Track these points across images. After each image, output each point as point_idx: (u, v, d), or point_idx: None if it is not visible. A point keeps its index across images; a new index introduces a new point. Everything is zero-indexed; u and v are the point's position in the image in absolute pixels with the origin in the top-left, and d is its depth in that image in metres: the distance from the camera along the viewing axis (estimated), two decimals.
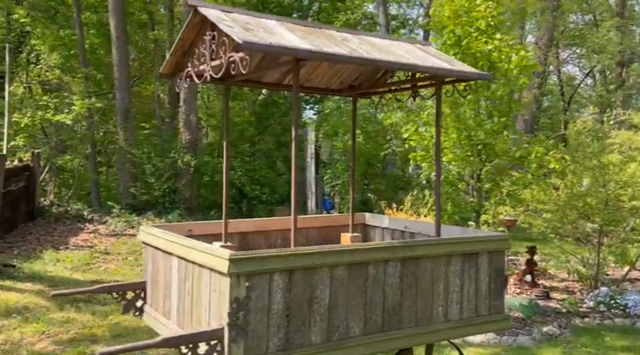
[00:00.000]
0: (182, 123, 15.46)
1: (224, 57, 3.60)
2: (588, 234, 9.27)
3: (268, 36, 3.54)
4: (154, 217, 14.91)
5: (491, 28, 7.06)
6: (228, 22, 3.56)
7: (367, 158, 12.74)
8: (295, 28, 4.01)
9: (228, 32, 3.37)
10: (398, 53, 4.16)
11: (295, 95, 3.63)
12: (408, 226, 4.97)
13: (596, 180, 7.44)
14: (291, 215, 3.61)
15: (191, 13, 3.92)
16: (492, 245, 4.08)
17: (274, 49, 3.33)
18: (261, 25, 3.77)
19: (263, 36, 3.49)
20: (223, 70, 3.65)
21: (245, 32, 3.43)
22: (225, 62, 3.59)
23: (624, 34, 24.87)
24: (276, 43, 3.37)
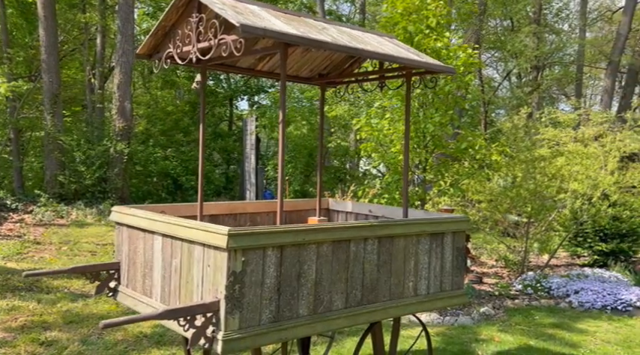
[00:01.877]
0: (115, 109, 14.97)
1: (213, 39, 3.67)
2: (517, 223, 10.01)
3: (258, 20, 3.65)
4: (84, 207, 14.38)
5: (440, 27, 7.48)
6: (220, 5, 3.64)
7: (310, 150, 12.95)
8: (278, 14, 4.14)
9: (223, 15, 3.45)
10: (373, 44, 4.39)
11: (283, 80, 3.76)
12: (372, 210, 5.23)
13: (528, 172, 8.09)
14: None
15: None
16: (455, 226, 4.42)
17: (270, 33, 3.45)
18: (248, 10, 3.87)
19: (254, 19, 3.60)
20: (212, 52, 3.72)
21: (239, 16, 3.53)
22: (215, 44, 3.66)
23: (540, 40, 26.67)
24: (270, 28, 3.50)
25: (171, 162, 16.79)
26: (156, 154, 16.59)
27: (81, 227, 13.11)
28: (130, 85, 15.07)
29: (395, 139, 7.86)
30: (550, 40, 29.00)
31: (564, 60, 29.12)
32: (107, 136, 15.22)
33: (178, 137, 18.29)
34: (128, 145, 14.89)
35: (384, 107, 8.09)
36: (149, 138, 17.77)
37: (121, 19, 14.69)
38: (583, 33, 25.25)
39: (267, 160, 16.72)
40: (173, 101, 19.86)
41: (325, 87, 5.45)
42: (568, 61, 29.05)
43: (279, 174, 3.78)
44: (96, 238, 12.10)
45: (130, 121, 15.27)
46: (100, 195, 15.05)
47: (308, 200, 5.69)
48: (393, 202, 7.59)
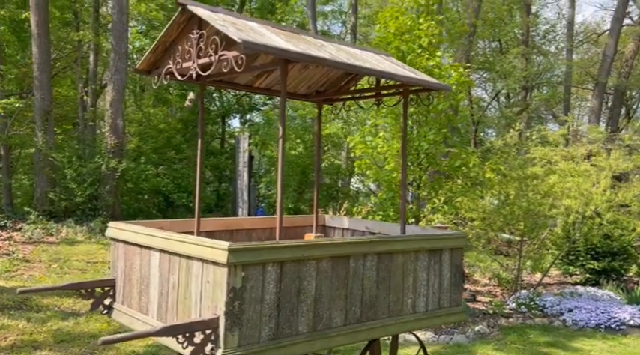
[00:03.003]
0: (108, 126, 14.92)
1: (214, 55, 3.69)
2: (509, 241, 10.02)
3: (259, 37, 3.68)
4: (75, 224, 14.23)
5: (432, 46, 7.58)
6: (221, 22, 3.66)
7: (302, 168, 12.96)
8: (277, 31, 4.17)
9: (224, 31, 3.48)
10: (371, 61, 4.43)
11: (282, 97, 3.78)
12: (369, 226, 5.23)
13: (521, 190, 8.14)
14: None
15: (178, 12, 3.97)
16: (453, 242, 4.43)
17: (270, 49, 3.47)
18: (248, 27, 3.90)
19: (255, 36, 3.62)
20: (213, 68, 3.73)
21: (240, 32, 3.55)
22: (216, 60, 3.68)
23: (528, 62, 27.07)
24: (271, 44, 3.52)
25: (163, 180, 16.72)
26: (147, 172, 16.51)
27: (71, 245, 12.96)
28: (122, 102, 15.05)
29: (389, 157, 7.89)
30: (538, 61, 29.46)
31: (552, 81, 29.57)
32: (99, 153, 15.15)
33: (170, 154, 18.24)
34: (120, 162, 14.81)
35: (377, 125, 8.14)
36: (141, 155, 17.70)
37: (115, 38, 14.72)
38: (570, 54, 25.68)
39: (259, 178, 16.71)
40: (165, 119, 19.85)
41: (322, 104, 5.48)
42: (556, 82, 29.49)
43: (279, 190, 3.77)
44: (86, 256, 11.96)
45: (122, 138, 15.22)
46: (90, 213, 14.92)
47: (304, 217, 5.68)
48: (388, 219, 7.60)
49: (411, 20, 7.76)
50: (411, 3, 7.91)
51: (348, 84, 5.39)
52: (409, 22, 7.71)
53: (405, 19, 7.79)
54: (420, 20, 7.71)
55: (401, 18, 7.77)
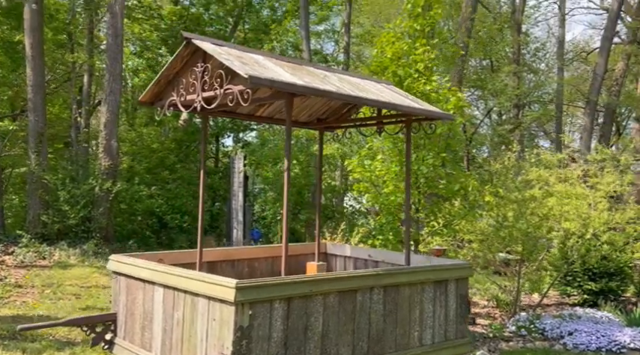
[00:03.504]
0: (102, 148, 14.83)
1: (219, 89, 3.68)
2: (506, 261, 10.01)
3: (264, 70, 3.68)
4: (68, 247, 14.07)
5: (428, 71, 7.62)
6: (226, 56, 3.66)
7: (298, 188, 12.93)
8: (281, 63, 4.17)
9: (229, 65, 3.47)
10: (373, 91, 4.44)
11: (288, 128, 3.77)
12: (372, 255, 5.19)
13: (520, 212, 8.14)
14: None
15: (183, 45, 3.96)
16: (459, 272, 4.40)
17: (277, 84, 3.46)
18: (253, 60, 3.90)
19: (260, 70, 3.62)
20: (218, 101, 3.72)
21: (245, 66, 3.55)
22: (221, 94, 3.67)
23: (520, 79, 27.35)
24: (277, 79, 3.52)
25: (157, 201, 16.59)
26: (141, 192, 16.39)
27: (64, 268, 12.79)
28: (116, 123, 14.99)
29: (387, 180, 7.88)
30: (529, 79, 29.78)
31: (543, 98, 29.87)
32: (92, 175, 15.03)
33: (164, 174, 18.13)
34: (114, 184, 14.70)
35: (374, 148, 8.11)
36: (134, 176, 17.59)
37: (109, 58, 14.71)
38: (561, 72, 25.99)
39: (253, 198, 16.63)
40: (158, 138, 19.78)
41: (324, 131, 5.48)
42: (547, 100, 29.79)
43: (284, 223, 3.74)
44: (80, 280, 11.80)
45: (117, 160, 15.12)
46: (83, 235, 14.75)
47: (305, 244, 5.64)
48: (387, 243, 7.56)
49: (407, 45, 7.81)
50: (407, 28, 7.96)
51: (349, 111, 5.39)
52: (405, 47, 7.75)
53: (400, 44, 7.84)
54: (415, 45, 7.76)
55: (397, 43, 7.81)
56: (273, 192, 13.03)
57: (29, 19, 14.40)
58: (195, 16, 20.25)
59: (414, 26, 7.80)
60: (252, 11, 21.58)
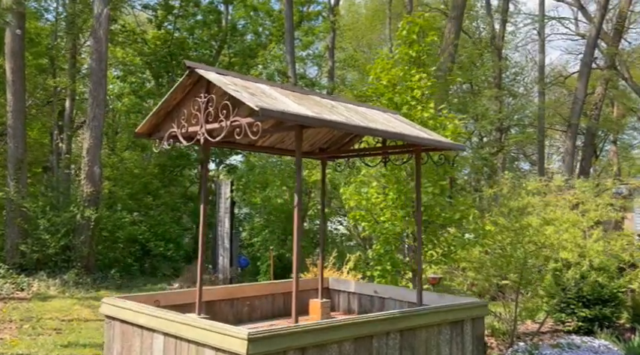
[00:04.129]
0: (84, 174, 14.42)
1: (225, 121, 3.47)
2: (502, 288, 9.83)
3: (273, 101, 3.48)
4: (47, 278, 13.56)
5: (425, 98, 7.51)
6: (233, 86, 3.45)
7: (287, 214, 12.66)
8: (287, 93, 3.98)
9: (238, 97, 3.26)
10: (381, 121, 4.27)
11: (298, 160, 3.56)
12: (378, 291, 4.96)
13: (518, 241, 8.00)
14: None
15: (185, 74, 3.75)
16: (475, 312, 4.19)
17: (289, 116, 3.27)
18: (259, 90, 3.70)
19: (269, 101, 3.42)
20: (224, 134, 3.50)
21: (254, 98, 3.34)
22: (227, 126, 3.45)
23: (502, 104, 27.65)
24: (287, 110, 3.32)
25: (140, 227, 16.16)
26: (124, 219, 15.96)
27: (43, 300, 12.28)
28: (100, 149, 14.63)
29: (384, 208, 7.68)
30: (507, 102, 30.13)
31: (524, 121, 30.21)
32: (74, 202, 14.58)
33: (147, 200, 17.72)
34: (96, 211, 14.27)
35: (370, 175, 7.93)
36: (116, 202, 17.16)
37: (93, 83, 14.42)
38: (542, 96, 26.35)
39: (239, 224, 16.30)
40: (141, 163, 19.41)
41: (327, 161, 5.28)
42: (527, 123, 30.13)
43: (294, 261, 3.50)
44: (61, 313, 11.30)
45: (99, 186, 14.71)
46: (63, 265, 14.25)
47: (307, 279, 5.38)
48: (385, 273, 7.33)
49: (403, 72, 7.70)
50: (402, 55, 7.87)
51: (351, 141, 5.22)
52: (401, 74, 7.64)
53: (396, 70, 7.74)
54: (411, 72, 7.66)
55: (393, 70, 7.71)
56: (262, 219, 12.74)
57: (10, 43, 14.09)
58: (180, 41, 20.10)
59: (410, 53, 7.71)
60: (236, 35, 21.52)
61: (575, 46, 53.99)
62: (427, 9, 31.46)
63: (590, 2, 29.89)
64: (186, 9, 20.53)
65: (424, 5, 31.56)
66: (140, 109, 19.19)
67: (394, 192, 7.35)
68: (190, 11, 20.58)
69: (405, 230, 7.47)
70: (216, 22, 21.09)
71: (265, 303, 4.96)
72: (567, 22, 32.19)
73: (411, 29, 7.78)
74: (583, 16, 29.54)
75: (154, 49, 19.36)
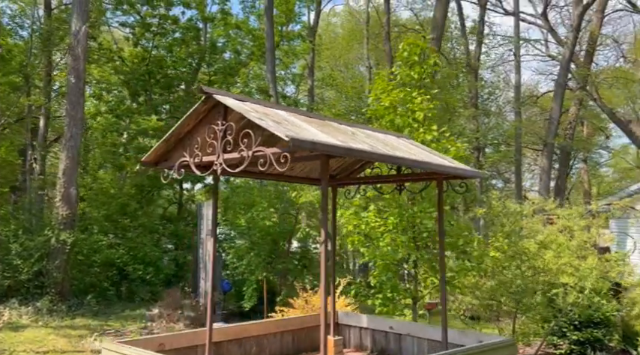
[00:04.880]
0: (60, 196, 13.84)
1: (246, 151, 3.19)
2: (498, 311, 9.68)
3: (299, 130, 3.24)
4: (19, 305, 12.86)
5: (427, 120, 7.36)
6: (256, 114, 3.19)
7: (274, 236, 12.32)
8: (307, 119, 3.75)
9: (265, 127, 3.01)
10: (403, 149, 4.06)
11: (324, 190, 3.30)
12: (394, 327, 4.69)
13: (518, 268, 7.87)
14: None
15: (201, 100, 3.47)
16: (506, 351, 3.96)
17: (319, 146, 3.02)
18: (280, 117, 3.45)
19: (295, 130, 3.17)
20: (246, 164, 3.22)
21: (279, 126, 3.09)
22: (248, 156, 3.18)
23: (478, 123, 27.95)
24: (317, 140, 3.07)
25: (118, 250, 15.56)
26: (100, 242, 15.35)
27: (15, 330, 11.62)
28: (76, 170, 14.09)
29: (384, 232, 7.46)
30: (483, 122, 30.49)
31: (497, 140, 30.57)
32: (48, 225, 13.96)
33: (124, 222, 17.12)
34: (72, 234, 13.68)
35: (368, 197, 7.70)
36: (91, 224, 16.53)
37: (70, 102, 13.93)
38: (519, 116, 26.72)
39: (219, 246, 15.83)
40: (117, 183, 18.84)
41: (336, 187, 5.04)
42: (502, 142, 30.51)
43: (322, 305, 3.22)
44: (34, 344, 10.69)
45: (75, 209, 14.13)
46: (36, 291, 13.56)
47: (314, 315, 5.09)
48: (387, 302, 7.07)
49: (404, 93, 7.55)
50: (403, 76, 7.74)
51: (361, 167, 4.99)
52: (402, 95, 7.49)
53: (396, 92, 7.59)
54: (413, 94, 7.51)
55: (394, 91, 7.55)
56: (247, 241, 12.37)
57: None
58: (158, 59, 19.72)
59: (412, 74, 7.57)
60: (216, 53, 21.26)
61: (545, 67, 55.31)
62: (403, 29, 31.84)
63: (559, 25, 30.63)
64: (164, 26, 20.21)
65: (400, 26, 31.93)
66: (117, 128, 18.67)
67: (395, 217, 7.13)
68: (169, 29, 20.26)
69: (406, 256, 7.24)
70: (195, 40, 20.80)
71: (273, 342, 4.65)
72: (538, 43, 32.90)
73: (412, 51, 7.66)
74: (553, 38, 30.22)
75: (132, 66, 18.93)
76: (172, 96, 19.77)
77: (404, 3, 48.77)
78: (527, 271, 7.97)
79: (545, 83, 59.20)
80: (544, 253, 8.05)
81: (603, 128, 36.89)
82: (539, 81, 52.85)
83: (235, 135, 3.29)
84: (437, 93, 7.87)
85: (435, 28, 20.15)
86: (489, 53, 31.57)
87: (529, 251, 8.04)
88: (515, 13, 26.89)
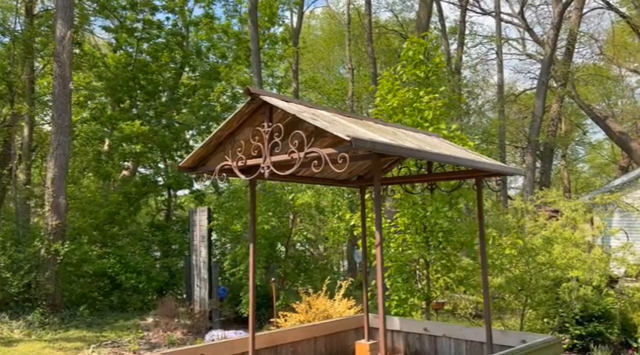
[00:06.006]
0: (49, 206, 13.48)
1: (297, 152, 3.09)
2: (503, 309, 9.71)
3: (351, 130, 3.14)
4: (10, 319, 12.48)
5: (435, 119, 7.32)
6: (309, 115, 3.09)
7: (271, 241, 12.17)
8: (347, 118, 3.67)
9: (322, 127, 2.90)
10: (442, 146, 4.00)
11: (377, 191, 3.22)
12: (428, 328, 4.62)
13: (527, 265, 7.89)
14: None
15: (247, 102, 3.35)
16: (552, 350, 3.92)
17: (379, 146, 2.94)
18: (329, 117, 3.35)
19: (350, 130, 3.07)
20: (297, 166, 3.12)
21: (335, 126, 3.00)
22: (300, 158, 3.08)
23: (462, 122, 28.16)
24: (377, 140, 2.99)
25: (108, 260, 15.23)
26: (91, 252, 15.00)
27: (8, 345, 11.27)
28: (65, 179, 13.74)
29: (395, 233, 7.40)
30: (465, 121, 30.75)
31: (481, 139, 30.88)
32: (37, 235, 13.58)
33: (113, 231, 16.78)
34: (62, 245, 13.33)
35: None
36: (80, 234, 16.14)
37: (57, 110, 13.59)
38: (502, 114, 27.01)
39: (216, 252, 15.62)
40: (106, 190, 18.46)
41: (365, 188, 4.95)
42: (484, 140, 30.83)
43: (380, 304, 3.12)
44: None
45: (65, 218, 13.78)
46: (27, 304, 13.19)
47: (346, 318, 4.99)
48: (402, 303, 7.00)
49: (412, 93, 7.50)
50: (409, 75, 7.69)
51: (389, 167, 4.92)
52: (409, 95, 7.44)
53: (403, 91, 7.54)
54: (420, 93, 7.47)
55: (401, 91, 7.50)
56: (244, 246, 12.17)
57: None
58: (142, 64, 19.40)
59: (418, 73, 7.53)
60: (200, 58, 21.03)
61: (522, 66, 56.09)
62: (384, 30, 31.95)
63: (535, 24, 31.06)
64: (148, 31, 19.90)
65: (381, 27, 32.03)
66: (101, 136, 18.31)
67: (408, 218, 7.07)
68: (153, 34, 19.96)
69: (420, 256, 7.19)
70: (179, 45, 20.54)
71: (307, 348, 4.54)
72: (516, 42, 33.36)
73: (417, 50, 7.62)
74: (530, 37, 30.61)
75: (116, 72, 18.59)
76: (156, 102, 19.47)
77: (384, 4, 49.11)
78: (536, 267, 7.99)
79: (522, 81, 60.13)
80: (551, 248, 8.09)
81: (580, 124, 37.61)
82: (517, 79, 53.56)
83: (284, 137, 3.18)
84: (443, 92, 7.84)
85: (419, 28, 20.21)
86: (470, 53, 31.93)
87: (537, 246, 8.07)
88: (496, 12, 27.21)
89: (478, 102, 32.70)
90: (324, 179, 4.72)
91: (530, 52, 32.55)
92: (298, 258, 12.95)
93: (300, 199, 11.02)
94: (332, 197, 10.94)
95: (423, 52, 7.61)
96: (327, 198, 11.74)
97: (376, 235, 3.17)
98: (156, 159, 19.15)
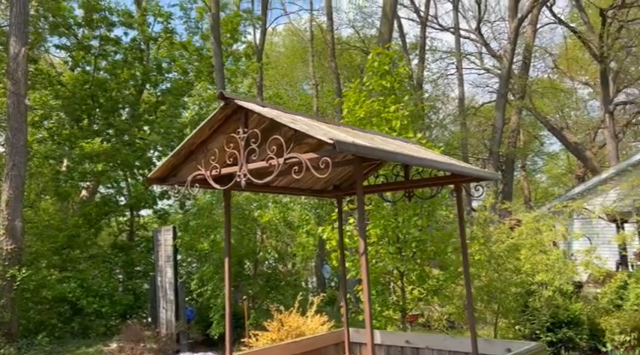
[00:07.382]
0: (3, 230, 12.86)
1: (276, 158, 2.94)
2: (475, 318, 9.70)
3: (332, 134, 3.01)
4: None
5: (404, 128, 7.29)
6: (288, 120, 2.95)
7: (238, 258, 11.87)
8: (328, 124, 3.54)
9: (304, 131, 2.77)
10: (421, 152, 3.92)
11: (360, 197, 3.09)
12: (411, 340, 4.50)
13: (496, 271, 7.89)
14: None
15: (220, 107, 3.19)
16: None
17: (362, 149, 2.81)
18: (307, 122, 3.23)
19: (332, 134, 2.95)
20: (276, 173, 2.96)
21: (316, 130, 2.86)
22: (279, 164, 2.93)
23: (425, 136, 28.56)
24: (360, 144, 2.87)
25: (69, 284, 14.59)
26: (50, 276, 14.35)
27: None
28: (21, 201, 13.15)
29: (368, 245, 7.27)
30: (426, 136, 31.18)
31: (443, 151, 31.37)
32: None
33: (74, 254, 16.13)
34: (19, 270, 12.71)
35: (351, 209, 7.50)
36: (38, 258, 15.46)
37: (11, 129, 13.05)
38: (464, 127, 27.51)
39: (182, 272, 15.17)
40: (66, 213, 17.79)
41: (342, 198, 4.82)
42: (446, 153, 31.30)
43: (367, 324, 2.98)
44: None
45: (21, 243, 13.16)
46: None
47: (326, 334, 4.82)
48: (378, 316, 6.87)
49: (378, 103, 7.47)
50: (375, 86, 7.67)
51: (366, 175, 4.81)
52: (376, 106, 7.40)
53: (370, 102, 7.50)
54: (387, 102, 7.44)
55: (367, 102, 7.46)
56: (211, 265, 11.84)
57: None
58: (101, 81, 18.92)
59: (384, 83, 7.51)
60: (162, 74, 20.68)
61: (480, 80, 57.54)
62: (347, 46, 32.23)
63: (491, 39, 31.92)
64: (105, 48, 19.47)
65: (343, 43, 32.31)
66: (60, 155, 17.70)
67: (380, 229, 6.98)
68: (109, 51, 19.53)
69: (394, 268, 7.09)
70: (139, 60, 20.14)
71: None
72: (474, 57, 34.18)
73: (382, 61, 7.61)
74: (487, 52, 31.39)
75: (73, 90, 18.06)
76: (116, 120, 18.99)
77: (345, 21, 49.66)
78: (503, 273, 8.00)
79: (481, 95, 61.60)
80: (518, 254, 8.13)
81: (537, 136, 38.71)
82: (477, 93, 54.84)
83: (261, 143, 3.03)
84: (408, 101, 7.85)
85: (382, 43, 20.44)
86: (431, 68, 32.49)
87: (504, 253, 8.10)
88: (455, 28, 27.84)
89: (440, 115, 33.31)
90: (300, 189, 4.57)
91: (487, 67, 33.38)
92: (268, 275, 12.68)
93: (266, 216, 10.81)
94: (299, 210, 10.76)
95: (388, 63, 7.61)
96: (295, 212, 11.56)
97: (360, 243, 3.04)
98: (117, 179, 18.61)
